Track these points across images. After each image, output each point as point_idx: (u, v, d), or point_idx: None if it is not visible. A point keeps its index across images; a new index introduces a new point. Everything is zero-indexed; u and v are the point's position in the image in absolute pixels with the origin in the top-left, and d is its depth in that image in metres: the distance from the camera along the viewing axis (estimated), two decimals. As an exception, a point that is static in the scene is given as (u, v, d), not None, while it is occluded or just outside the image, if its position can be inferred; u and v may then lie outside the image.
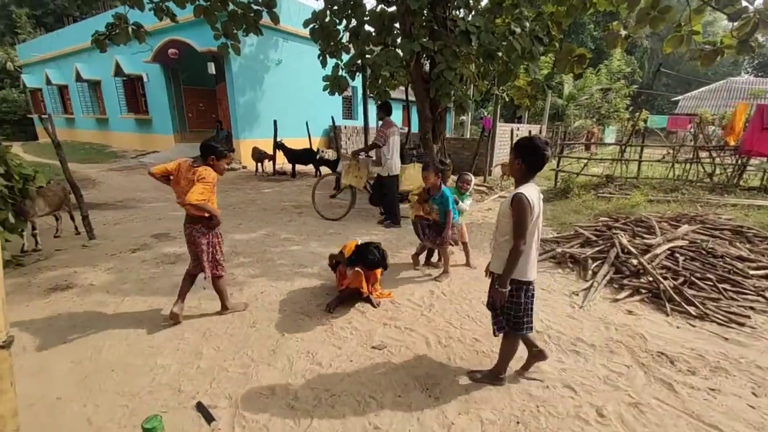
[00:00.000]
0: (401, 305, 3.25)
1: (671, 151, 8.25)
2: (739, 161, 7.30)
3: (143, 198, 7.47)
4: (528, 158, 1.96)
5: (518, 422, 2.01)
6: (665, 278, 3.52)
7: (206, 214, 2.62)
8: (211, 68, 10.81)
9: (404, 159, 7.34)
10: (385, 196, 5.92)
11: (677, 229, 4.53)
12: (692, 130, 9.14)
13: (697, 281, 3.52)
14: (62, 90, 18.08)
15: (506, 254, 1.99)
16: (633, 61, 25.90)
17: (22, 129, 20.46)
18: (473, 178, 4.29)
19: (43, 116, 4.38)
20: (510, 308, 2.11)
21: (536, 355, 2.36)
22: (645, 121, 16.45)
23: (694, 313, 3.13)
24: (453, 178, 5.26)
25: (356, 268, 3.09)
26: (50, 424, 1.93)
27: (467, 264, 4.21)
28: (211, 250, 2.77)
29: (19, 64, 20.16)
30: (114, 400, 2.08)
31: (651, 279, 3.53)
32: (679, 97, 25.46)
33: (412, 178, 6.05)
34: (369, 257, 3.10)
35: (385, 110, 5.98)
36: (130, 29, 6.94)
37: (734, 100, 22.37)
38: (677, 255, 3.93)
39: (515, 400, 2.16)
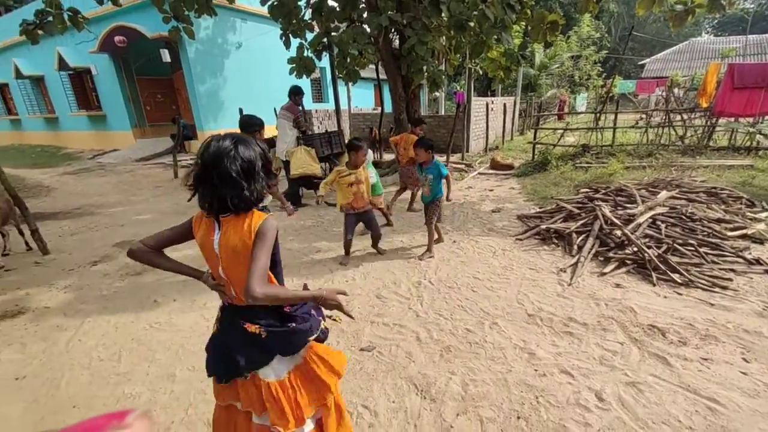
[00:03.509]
0: (388, 299, 3.11)
1: (644, 117, 8.31)
2: (708, 122, 7.44)
3: (104, 203, 6.94)
4: None
5: (519, 417, 1.93)
6: (649, 247, 3.51)
7: None
8: (165, 55, 10.03)
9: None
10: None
11: (656, 196, 4.55)
12: (663, 93, 9.25)
13: (679, 247, 3.54)
14: (2, 89, 16.54)
15: None
16: (601, 27, 25.98)
17: (-38, 134, 18.71)
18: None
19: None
20: None
21: None
22: (616, 86, 16.63)
23: (679, 281, 3.14)
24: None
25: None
26: (2, 479, 1.70)
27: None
28: None
29: (-51, 63, 18.20)
30: (76, 442, 1.86)
31: (636, 249, 3.51)
32: (646, 61, 25.87)
33: (299, 162, 5.83)
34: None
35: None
36: (65, 15, 6.24)
37: (698, 60, 22.95)
38: (659, 222, 3.94)
39: (513, 392, 2.08)
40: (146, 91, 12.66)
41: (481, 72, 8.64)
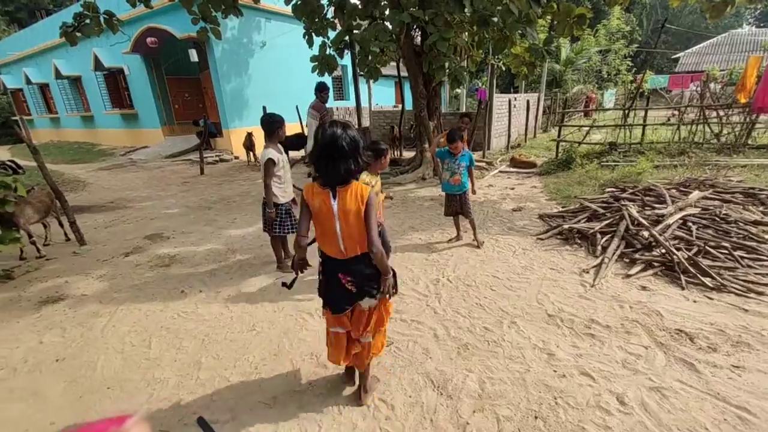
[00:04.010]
0: (405, 296, 3.13)
1: (676, 113, 7.95)
2: (748, 119, 7.04)
3: (135, 197, 7.28)
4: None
5: (536, 417, 1.91)
6: (678, 249, 3.38)
7: None
8: (193, 55, 10.36)
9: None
10: None
11: (688, 196, 4.36)
12: (698, 88, 8.81)
13: (711, 250, 3.38)
14: (43, 89, 17.52)
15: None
16: (632, 19, 24.89)
17: (7, 132, 19.97)
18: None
19: (14, 117, 4.13)
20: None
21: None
22: (646, 81, 15.95)
23: (710, 285, 3.01)
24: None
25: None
26: (45, 451, 1.84)
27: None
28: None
29: (-3, 65, 19.45)
30: (111, 420, 1.98)
31: (664, 251, 3.39)
32: (680, 54, 24.66)
33: None
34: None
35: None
36: (101, 18, 6.55)
37: (737, 54, 21.69)
38: (690, 224, 3.78)
39: (531, 393, 2.06)
40: (175, 90, 13.13)
41: (504, 68, 8.48)
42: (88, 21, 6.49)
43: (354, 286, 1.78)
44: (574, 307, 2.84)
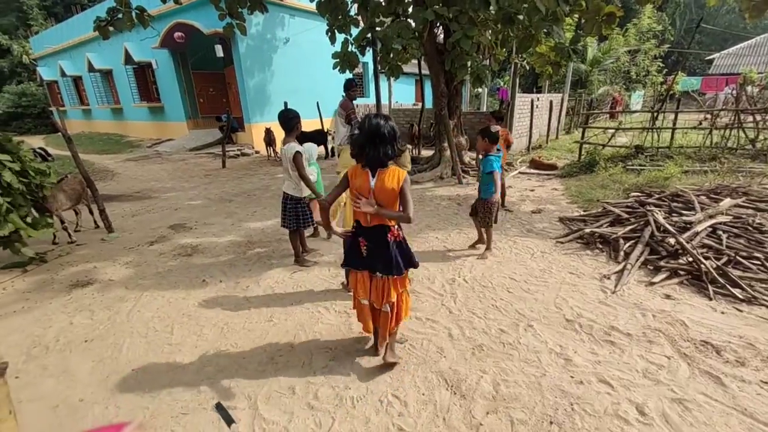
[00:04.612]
0: (421, 294, 3.13)
1: (708, 117, 7.62)
2: (787, 124, 6.69)
3: (160, 188, 7.52)
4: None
5: (551, 422, 1.89)
6: (707, 258, 3.25)
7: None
8: (219, 51, 10.57)
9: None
10: None
11: (719, 204, 4.18)
12: (733, 91, 8.41)
13: (742, 260, 3.25)
14: (77, 81, 18.24)
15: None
16: (664, 18, 23.92)
17: (43, 122, 20.93)
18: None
19: (50, 108, 4.33)
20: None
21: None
22: (677, 83, 15.31)
23: (740, 297, 2.89)
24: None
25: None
26: (74, 427, 1.93)
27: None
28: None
29: (34, 57, 20.37)
30: (135, 401, 2.07)
31: (691, 259, 3.27)
32: (714, 55, 23.57)
33: (344, 160, 5.14)
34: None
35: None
36: (133, 13, 6.76)
37: (777, 56, 20.57)
38: (720, 232, 3.63)
39: (547, 397, 2.03)
40: (200, 84, 13.44)
41: (527, 67, 8.31)
42: (120, 16, 6.72)
43: (366, 250, 2.09)
44: (593, 313, 2.78)
